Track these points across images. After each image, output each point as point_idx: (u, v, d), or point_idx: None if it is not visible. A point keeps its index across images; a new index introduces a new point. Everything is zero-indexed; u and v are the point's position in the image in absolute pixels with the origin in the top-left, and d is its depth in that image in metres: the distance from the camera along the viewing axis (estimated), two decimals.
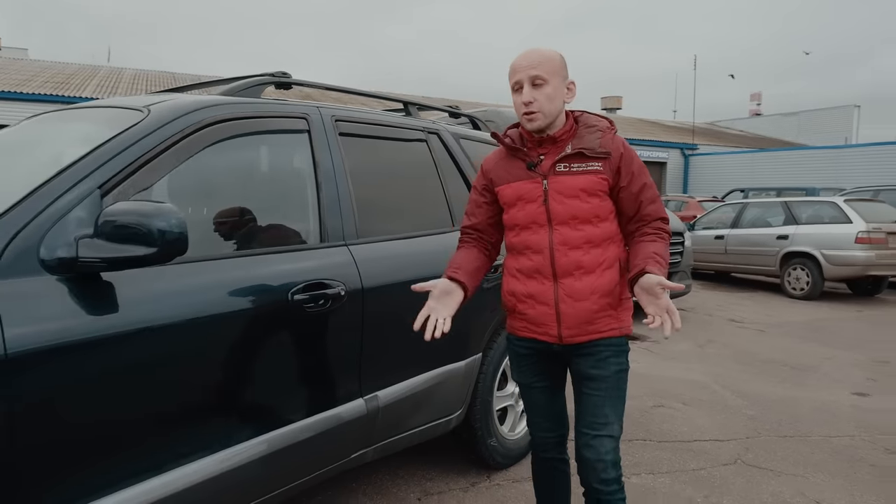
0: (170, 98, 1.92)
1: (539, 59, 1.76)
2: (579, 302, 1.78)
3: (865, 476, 3.06)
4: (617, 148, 1.81)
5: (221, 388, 1.71)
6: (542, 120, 1.77)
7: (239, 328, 1.74)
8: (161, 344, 1.56)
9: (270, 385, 1.84)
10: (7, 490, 1.31)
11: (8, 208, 1.44)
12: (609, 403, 1.80)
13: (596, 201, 1.79)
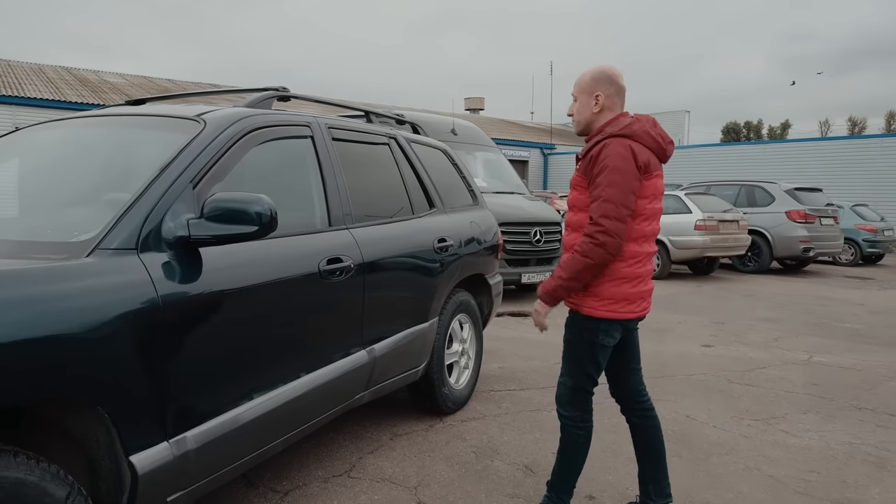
0: (216, 109, 2.36)
1: (577, 79, 2.28)
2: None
3: (716, 398, 4.07)
4: (592, 153, 2.16)
5: (288, 335, 2.22)
6: (577, 127, 2.30)
7: (292, 291, 2.25)
8: (250, 300, 2.05)
9: (312, 335, 2.37)
10: (153, 402, 1.74)
11: (133, 202, 1.86)
12: (566, 361, 2.33)
13: (575, 193, 2.25)
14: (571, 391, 2.33)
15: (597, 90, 2.24)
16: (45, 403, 1.58)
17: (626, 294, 2.20)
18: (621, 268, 2.18)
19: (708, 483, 2.83)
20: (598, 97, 2.24)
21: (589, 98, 2.26)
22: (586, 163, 2.19)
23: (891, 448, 3.27)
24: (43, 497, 1.45)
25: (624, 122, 2.20)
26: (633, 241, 2.18)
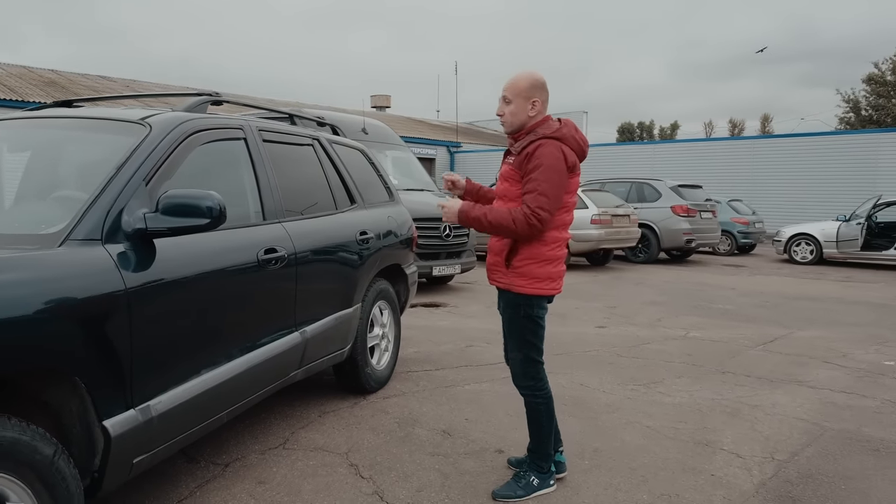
0: (157, 112, 2.57)
1: (509, 84, 2.53)
2: (489, 255, 2.69)
3: (606, 369, 4.63)
4: (527, 150, 2.46)
5: (232, 317, 2.49)
6: (507, 127, 2.57)
7: (235, 277, 2.52)
8: (199, 285, 2.30)
9: (253, 317, 2.64)
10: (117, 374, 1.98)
11: (95, 198, 2.07)
12: (511, 339, 2.65)
13: (507, 185, 2.56)
14: (522, 363, 2.64)
15: (534, 96, 2.54)
16: (28, 375, 1.79)
17: (550, 273, 2.57)
18: (545, 251, 2.53)
19: (597, 435, 3.33)
20: (535, 103, 2.54)
21: (525, 102, 2.54)
22: (521, 158, 2.48)
23: (744, 401, 3.91)
24: (34, 454, 1.67)
25: (554, 126, 2.53)
26: (556, 229, 2.55)
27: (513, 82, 2.56)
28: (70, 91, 22.12)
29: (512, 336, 2.67)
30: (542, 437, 2.68)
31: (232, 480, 2.74)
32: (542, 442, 2.68)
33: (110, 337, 1.91)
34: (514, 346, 2.66)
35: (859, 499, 2.64)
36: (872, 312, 7.34)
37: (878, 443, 3.27)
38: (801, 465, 2.97)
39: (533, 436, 2.72)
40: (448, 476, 2.81)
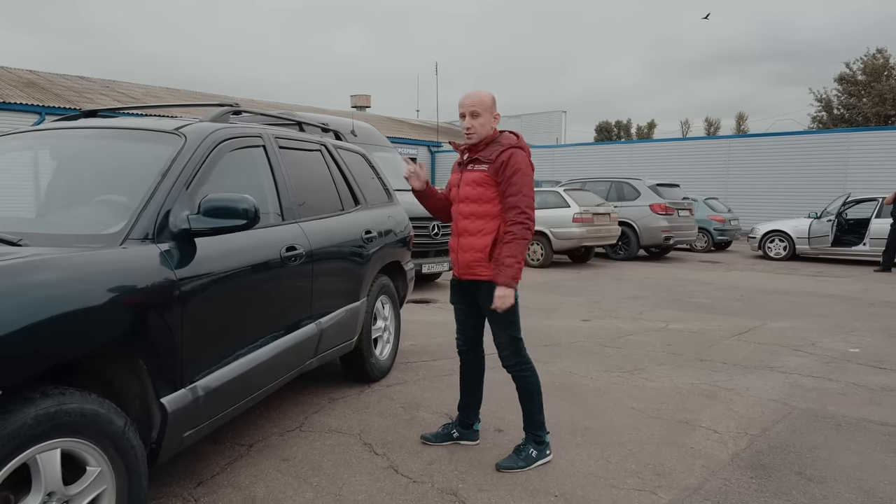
0: (188, 123, 2.81)
1: (476, 100, 2.81)
2: (464, 253, 2.95)
3: (592, 358, 4.94)
4: (501, 158, 2.76)
5: (261, 308, 2.74)
6: (476, 138, 2.88)
7: (263, 272, 2.78)
8: (234, 278, 2.56)
9: (278, 309, 2.90)
10: (168, 357, 2.23)
11: (146, 202, 2.32)
12: (496, 325, 2.94)
13: (481, 189, 2.83)
14: (510, 343, 2.93)
15: (495, 111, 2.90)
16: (98, 357, 2.03)
17: (521, 262, 2.88)
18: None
19: (586, 415, 3.63)
20: (496, 116, 2.90)
21: (490, 116, 2.86)
22: (497, 166, 2.80)
23: (720, 385, 4.25)
24: (110, 425, 1.92)
25: (514, 138, 2.88)
26: None
27: (479, 99, 2.84)
28: (51, 92, 22.03)
29: (496, 321, 2.93)
30: (535, 408, 2.98)
31: (257, 458, 3.00)
32: (536, 413, 2.98)
33: (166, 324, 2.16)
34: (501, 329, 2.93)
35: (823, 465, 2.98)
36: (841, 305, 7.76)
37: (840, 419, 3.61)
38: (771, 439, 3.29)
39: (527, 409, 3.00)
40: (454, 452, 3.09)
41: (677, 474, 2.86)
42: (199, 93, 31.24)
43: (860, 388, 4.22)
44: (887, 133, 18.83)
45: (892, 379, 4.44)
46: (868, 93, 31.14)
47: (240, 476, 2.81)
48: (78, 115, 3.40)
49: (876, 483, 2.79)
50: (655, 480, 2.80)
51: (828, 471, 2.91)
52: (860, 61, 32.14)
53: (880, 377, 4.49)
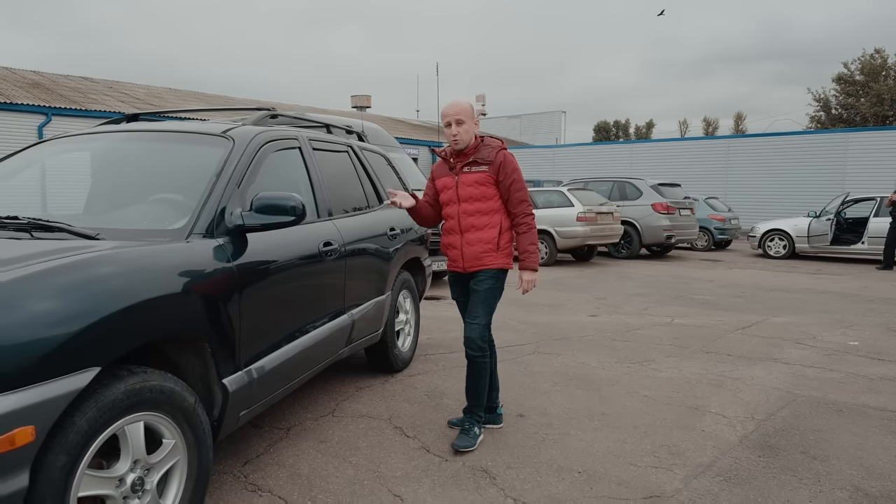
0: (233, 126, 3.01)
1: (459, 109, 3.13)
2: (472, 246, 3.20)
3: (603, 350, 5.15)
4: (498, 158, 3.10)
5: (304, 298, 2.95)
6: (462, 144, 3.18)
7: (305, 266, 2.98)
8: (281, 270, 2.76)
9: (317, 300, 3.10)
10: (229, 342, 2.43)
11: (205, 200, 2.51)
12: (482, 308, 3.19)
13: (483, 189, 3.18)
14: (483, 329, 3.15)
15: (475, 116, 3.18)
16: (169, 341, 2.23)
17: (511, 252, 3.20)
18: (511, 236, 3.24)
19: (601, 402, 3.84)
20: (476, 123, 3.19)
21: (472, 123, 3.14)
22: (497, 166, 3.11)
23: (726, 375, 4.45)
24: (183, 401, 2.12)
25: (497, 141, 3.21)
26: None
27: (462, 108, 3.13)
28: (55, 93, 22.19)
29: (484, 305, 3.16)
30: (482, 393, 3.22)
31: (296, 440, 3.20)
32: (482, 396, 3.23)
33: (227, 311, 2.36)
34: (483, 313, 3.16)
35: (826, 446, 3.18)
36: (840, 301, 7.97)
37: (841, 405, 3.82)
38: (776, 423, 3.50)
39: (475, 393, 3.22)
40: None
41: (690, 453, 3.07)
42: (201, 93, 31.41)
43: (860, 377, 4.43)
44: (885, 133, 19.07)
45: (890, 369, 4.65)
46: (866, 93, 31.38)
47: (282, 455, 3.01)
48: (121, 119, 3.60)
49: (875, 461, 3.00)
50: (670, 459, 3.00)
51: (830, 450, 3.12)
52: (858, 61, 32.40)
53: (879, 368, 4.70)
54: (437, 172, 3.34)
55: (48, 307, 1.69)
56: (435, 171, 3.36)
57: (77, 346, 1.73)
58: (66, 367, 1.70)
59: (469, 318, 3.21)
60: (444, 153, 3.31)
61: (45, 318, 1.67)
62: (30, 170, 3.10)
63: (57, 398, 1.67)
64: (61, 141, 3.21)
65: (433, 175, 3.36)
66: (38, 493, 1.65)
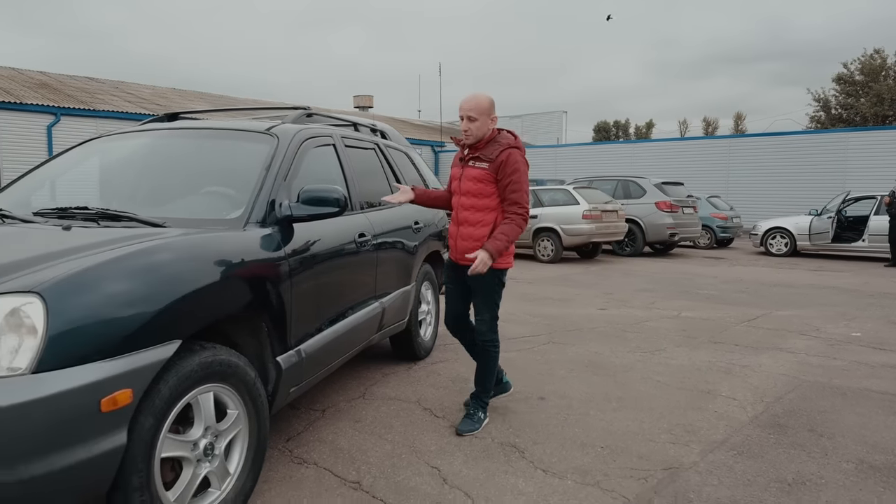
0: (276, 124, 3.21)
1: (474, 105, 3.16)
2: (463, 241, 3.28)
3: (615, 341, 5.35)
4: (501, 157, 3.08)
5: (343, 285, 3.14)
6: (472, 139, 3.24)
7: (344, 255, 3.17)
8: (325, 258, 2.95)
9: (354, 287, 3.29)
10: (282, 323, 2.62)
11: (258, 192, 2.71)
12: (483, 304, 3.30)
13: (481, 185, 3.14)
14: (490, 321, 3.29)
15: (493, 113, 3.18)
16: (233, 319, 2.42)
17: (511, 252, 3.26)
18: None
19: (618, 387, 4.03)
20: (494, 118, 3.19)
21: (487, 119, 3.15)
22: (497, 164, 3.11)
23: (735, 363, 4.65)
24: (245, 375, 2.31)
25: (511, 138, 3.19)
26: None
27: (477, 103, 3.12)
28: (63, 93, 22.38)
29: (486, 301, 3.29)
30: (491, 378, 3.37)
31: (332, 420, 3.39)
32: (491, 382, 3.38)
33: (281, 294, 2.56)
34: (487, 309, 3.29)
35: (831, 424, 3.38)
36: (842, 296, 8.17)
37: (845, 389, 4.02)
38: (784, 405, 3.70)
39: (484, 379, 3.36)
40: (506, 415, 3.49)
41: (705, 431, 3.26)
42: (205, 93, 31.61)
43: (862, 365, 4.63)
44: (885, 133, 19.27)
45: (891, 358, 4.85)
46: (866, 93, 31.58)
47: (322, 433, 3.21)
48: (163, 118, 3.80)
49: (879, 438, 3.19)
50: (686, 436, 3.20)
51: (836, 429, 3.32)
52: (858, 62, 32.61)
53: (880, 356, 4.90)
54: (454, 163, 3.43)
55: (142, 284, 1.89)
56: (455, 159, 3.43)
57: (164, 321, 1.93)
58: (155, 339, 1.90)
59: (476, 315, 3.34)
60: (461, 143, 3.34)
61: (140, 295, 1.87)
62: (84, 164, 3.30)
63: (149, 366, 1.86)
64: (112, 137, 3.41)
65: (453, 163, 3.45)
66: (131, 451, 1.85)
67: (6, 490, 1.57)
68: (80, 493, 1.74)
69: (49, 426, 1.62)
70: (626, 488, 2.63)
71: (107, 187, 3.09)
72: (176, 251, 2.09)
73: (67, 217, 2.58)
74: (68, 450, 1.66)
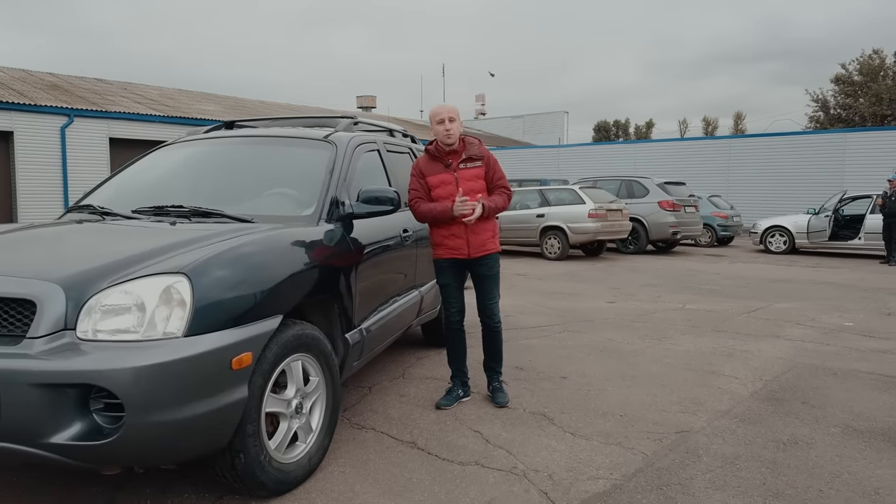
0: (332, 132, 3.63)
1: (451, 109, 3.49)
2: (478, 235, 3.61)
3: (625, 330, 5.78)
4: (485, 154, 3.58)
5: (393, 273, 3.58)
6: (454, 139, 3.55)
7: (393, 247, 3.61)
8: (379, 250, 3.38)
9: (400, 276, 3.73)
10: (349, 304, 3.05)
11: (324, 194, 3.13)
12: (494, 287, 3.72)
13: (480, 182, 3.54)
14: (497, 303, 3.73)
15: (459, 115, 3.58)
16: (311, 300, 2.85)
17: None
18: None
19: (630, 368, 4.47)
20: (461, 122, 3.59)
21: (459, 121, 3.54)
22: (486, 161, 3.59)
23: (736, 348, 5.08)
24: (325, 348, 2.74)
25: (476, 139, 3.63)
26: None
27: (451, 108, 3.54)
28: (75, 95, 22.79)
29: (496, 286, 3.70)
30: (501, 352, 3.79)
31: (380, 395, 3.82)
32: (501, 355, 3.79)
33: (349, 280, 2.99)
34: (495, 293, 3.71)
35: (822, 398, 3.81)
36: (837, 290, 8.60)
37: (836, 370, 4.45)
38: (781, 382, 4.13)
39: (499, 355, 3.79)
40: (533, 390, 3.93)
41: (711, 403, 3.69)
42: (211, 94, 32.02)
43: (853, 350, 5.06)
44: (882, 133, 19.71)
45: (880, 344, 5.28)
46: (865, 93, 31.99)
47: (373, 405, 3.64)
48: (220, 126, 4.23)
49: (863, 408, 3.62)
50: (694, 407, 3.63)
51: (826, 401, 3.75)
52: (856, 62, 33.02)
53: (870, 342, 5.33)
54: (426, 170, 3.59)
55: (256, 268, 2.33)
56: (423, 168, 3.59)
57: (272, 298, 2.36)
58: (267, 313, 2.33)
59: (488, 299, 3.68)
60: (436, 150, 3.58)
61: (256, 276, 2.31)
62: (160, 168, 3.73)
63: (263, 334, 2.30)
64: (184, 144, 3.83)
65: (422, 172, 3.58)
66: (248, 403, 2.28)
67: (171, 426, 1.99)
68: (218, 431, 2.17)
69: (198, 378, 2.05)
70: (645, 446, 3.06)
71: (188, 188, 3.49)
72: (277, 242, 2.52)
73: (163, 214, 3.01)
74: (210, 397, 2.08)
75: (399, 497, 2.56)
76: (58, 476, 2.71)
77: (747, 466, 2.84)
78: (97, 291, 2.08)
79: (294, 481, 2.57)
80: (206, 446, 2.18)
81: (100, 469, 2.11)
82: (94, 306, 2.05)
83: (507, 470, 2.81)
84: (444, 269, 3.65)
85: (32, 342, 1.98)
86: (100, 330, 2.04)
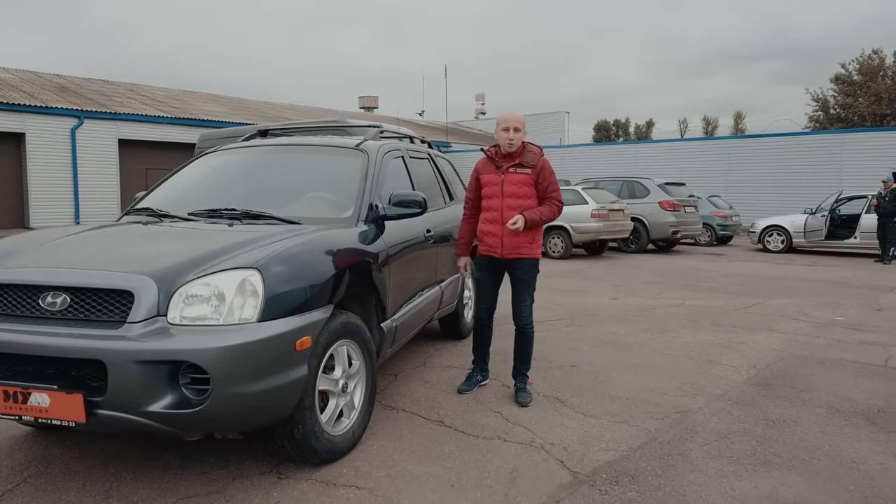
0: (363, 140, 3.99)
1: (517, 118, 3.82)
2: (513, 238, 3.93)
3: (628, 324, 6.14)
4: (539, 163, 3.69)
5: (418, 269, 3.94)
6: (515, 148, 3.87)
7: (418, 246, 3.97)
8: (407, 248, 3.74)
9: (424, 272, 4.09)
10: (382, 297, 3.40)
11: (361, 198, 3.49)
12: (527, 291, 3.98)
13: (525, 188, 3.77)
14: (531, 306, 3.91)
15: (525, 127, 3.80)
16: (352, 293, 3.20)
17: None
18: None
19: (634, 358, 4.83)
20: (526, 132, 3.79)
21: (524, 132, 3.74)
22: (538, 170, 3.72)
23: (733, 340, 5.44)
24: (364, 334, 3.09)
25: (538, 148, 3.80)
26: None
27: (519, 119, 3.72)
28: (83, 96, 23.13)
29: (529, 290, 3.86)
30: (530, 355, 3.96)
31: (405, 381, 4.18)
32: (530, 358, 3.97)
33: (383, 274, 3.35)
34: (530, 297, 3.88)
35: (810, 384, 4.17)
36: (831, 287, 8.95)
37: (825, 359, 4.81)
38: (773, 370, 4.49)
39: (525, 357, 3.94)
40: (545, 378, 4.29)
41: (708, 388, 4.05)
42: (217, 95, 32.38)
43: (841, 342, 5.42)
44: (880, 134, 20.06)
45: (867, 337, 5.64)
46: (864, 92, 32.29)
47: (400, 390, 4.00)
48: (255, 135, 4.59)
49: (847, 392, 3.98)
50: (692, 391, 3.99)
51: (813, 386, 4.11)
52: (856, 62, 33.33)
53: (858, 335, 5.69)
54: (482, 169, 3.87)
55: (312, 264, 2.69)
56: (480, 168, 3.89)
57: (325, 291, 2.72)
58: (321, 303, 2.69)
59: (520, 301, 3.92)
60: (492, 153, 3.86)
61: (312, 271, 2.67)
62: (205, 175, 4.08)
63: (319, 321, 2.66)
64: (223, 152, 4.19)
65: (478, 171, 3.88)
66: (307, 381, 2.63)
67: (248, 398, 2.35)
68: (283, 404, 2.52)
69: (269, 357, 2.41)
70: (648, 424, 3.42)
71: (235, 192, 3.83)
72: (326, 241, 2.88)
73: (217, 217, 3.37)
74: (279, 374, 2.44)
75: (433, 464, 2.92)
76: (134, 445, 3.08)
77: (739, 440, 3.20)
78: (183, 283, 2.44)
79: (341, 451, 2.93)
80: (273, 416, 2.54)
81: (184, 435, 2.47)
82: (181, 296, 2.41)
83: (526, 443, 3.17)
84: (481, 265, 3.90)
85: (132, 326, 2.33)
86: (186, 316, 2.40)
